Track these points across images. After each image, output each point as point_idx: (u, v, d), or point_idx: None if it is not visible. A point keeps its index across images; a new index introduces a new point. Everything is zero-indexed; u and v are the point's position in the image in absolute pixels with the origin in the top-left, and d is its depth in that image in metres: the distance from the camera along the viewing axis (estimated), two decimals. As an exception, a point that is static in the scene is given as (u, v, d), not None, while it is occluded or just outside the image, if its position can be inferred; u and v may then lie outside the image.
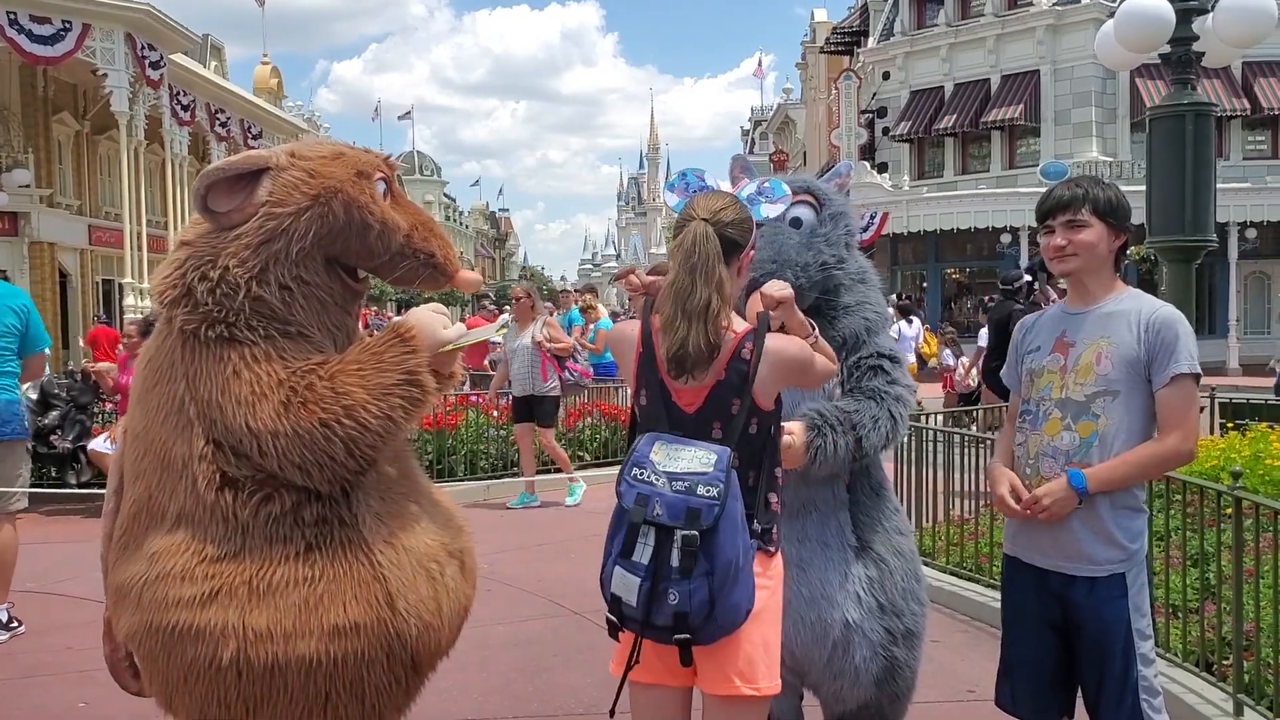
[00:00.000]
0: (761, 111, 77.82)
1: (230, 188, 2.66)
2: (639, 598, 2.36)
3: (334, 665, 2.57)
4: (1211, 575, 4.60)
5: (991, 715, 4.57)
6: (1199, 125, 7.47)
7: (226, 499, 2.59)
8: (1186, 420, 2.84)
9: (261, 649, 2.52)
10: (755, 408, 2.55)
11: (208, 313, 2.62)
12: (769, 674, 2.54)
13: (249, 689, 2.56)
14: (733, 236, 2.59)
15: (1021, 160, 31.56)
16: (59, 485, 9.38)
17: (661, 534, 2.36)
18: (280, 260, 2.64)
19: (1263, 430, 6.78)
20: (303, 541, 2.61)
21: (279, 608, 2.55)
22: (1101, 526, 2.88)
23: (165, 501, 2.65)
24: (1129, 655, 2.86)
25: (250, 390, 2.55)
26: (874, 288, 3.37)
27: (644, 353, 2.62)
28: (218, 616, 2.53)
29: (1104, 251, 2.98)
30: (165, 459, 2.65)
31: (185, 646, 2.56)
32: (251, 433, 2.54)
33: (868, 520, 3.24)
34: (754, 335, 2.58)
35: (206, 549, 2.59)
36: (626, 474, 2.45)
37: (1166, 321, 2.86)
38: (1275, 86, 28.66)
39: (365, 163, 2.79)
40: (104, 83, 25.00)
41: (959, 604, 6.04)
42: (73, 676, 5.09)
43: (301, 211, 2.64)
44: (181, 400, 2.64)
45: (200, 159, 36.66)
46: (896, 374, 3.22)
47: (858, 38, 38.77)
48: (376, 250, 2.76)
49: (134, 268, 25.99)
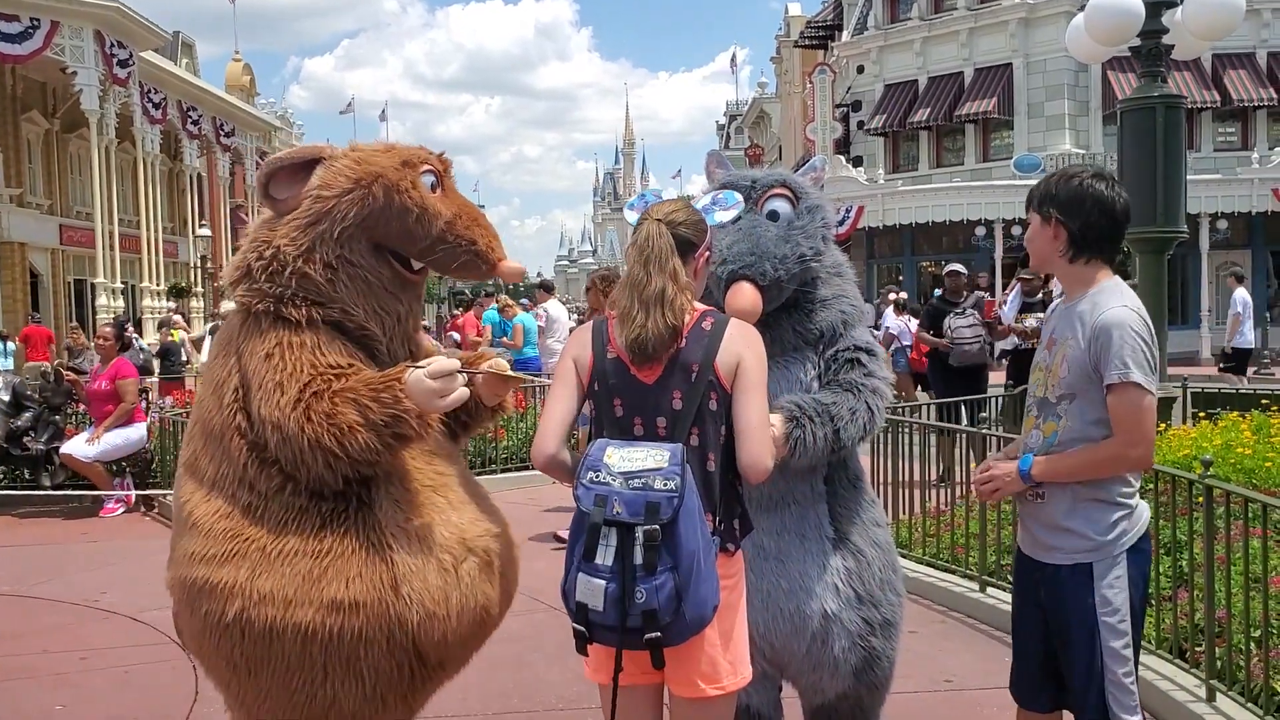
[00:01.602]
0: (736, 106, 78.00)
1: (290, 176, 2.89)
2: (605, 601, 2.36)
3: (330, 638, 2.66)
4: (1184, 563, 4.65)
5: (968, 705, 4.63)
6: (1169, 117, 7.54)
7: (253, 469, 2.76)
8: (1127, 426, 2.81)
9: (262, 610, 2.66)
10: (716, 381, 2.56)
11: (260, 289, 2.83)
12: (733, 670, 2.58)
13: (250, 649, 2.70)
14: (686, 235, 2.68)
15: (995, 153, 31.73)
16: (33, 487, 9.30)
17: (623, 532, 2.36)
18: (325, 240, 2.82)
19: (1233, 419, 6.86)
20: (319, 517, 2.75)
21: (284, 574, 2.67)
22: (1064, 515, 2.93)
23: (205, 466, 2.84)
24: (1093, 647, 2.88)
25: (274, 378, 2.73)
26: (850, 282, 3.40)
27: (597, 345, 2.66)
28: (229, 575, 2.69)
29: (1041, 245, 2.99)
30: (208, 427, 2.86)
31: (202, 601, 2.73)
32: (261, 419, 2.72)
33: (845, 512, 3.25)
34: (716, 312, 2.66)
35: (233, 511, 2.77)
36: (582, 478, 2.45)
37: (1104, 326, 2.82)
38: (1245, 79, 28.94)
39: (413, 155, 2.98)
40: (73, 81, 24.79)
41: (936, 595, 6.08)
42: (49, 680, 5.06)
43: (344, 194, 2.83)
44: (230, 371, 2.86)
45: (173, 157, 36.42)
46: (873, 366, 3.24)
47: (832, 32, 38.83)
48: (417, 234, 2.90)
49: (106, 268, 25.80)
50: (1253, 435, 6.24)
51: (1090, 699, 2.90)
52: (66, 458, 9.10)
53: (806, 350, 3.24)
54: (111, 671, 5.16)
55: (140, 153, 29.00)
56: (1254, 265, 29.48)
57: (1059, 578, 2.94)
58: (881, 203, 29.92)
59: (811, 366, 3.22)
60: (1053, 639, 3.01)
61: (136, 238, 29.25)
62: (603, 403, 2.65)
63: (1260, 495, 4.16)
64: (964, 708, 4.62)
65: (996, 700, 4.58)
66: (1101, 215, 2.92)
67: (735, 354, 2.58)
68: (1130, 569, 2.91)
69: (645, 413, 2.59)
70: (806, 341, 3.24)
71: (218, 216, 40.55)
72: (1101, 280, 2.95)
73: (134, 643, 5.55)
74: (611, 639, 2.43)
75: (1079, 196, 2.93)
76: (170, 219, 36.48)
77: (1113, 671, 2.87)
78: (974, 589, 5.94)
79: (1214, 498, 4.21)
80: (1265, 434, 6.31)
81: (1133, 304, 2.88)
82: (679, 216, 2.69)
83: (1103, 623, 2.87)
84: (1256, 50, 29.19)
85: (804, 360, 3.23)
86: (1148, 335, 2.84)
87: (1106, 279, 2.96)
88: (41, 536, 8.54)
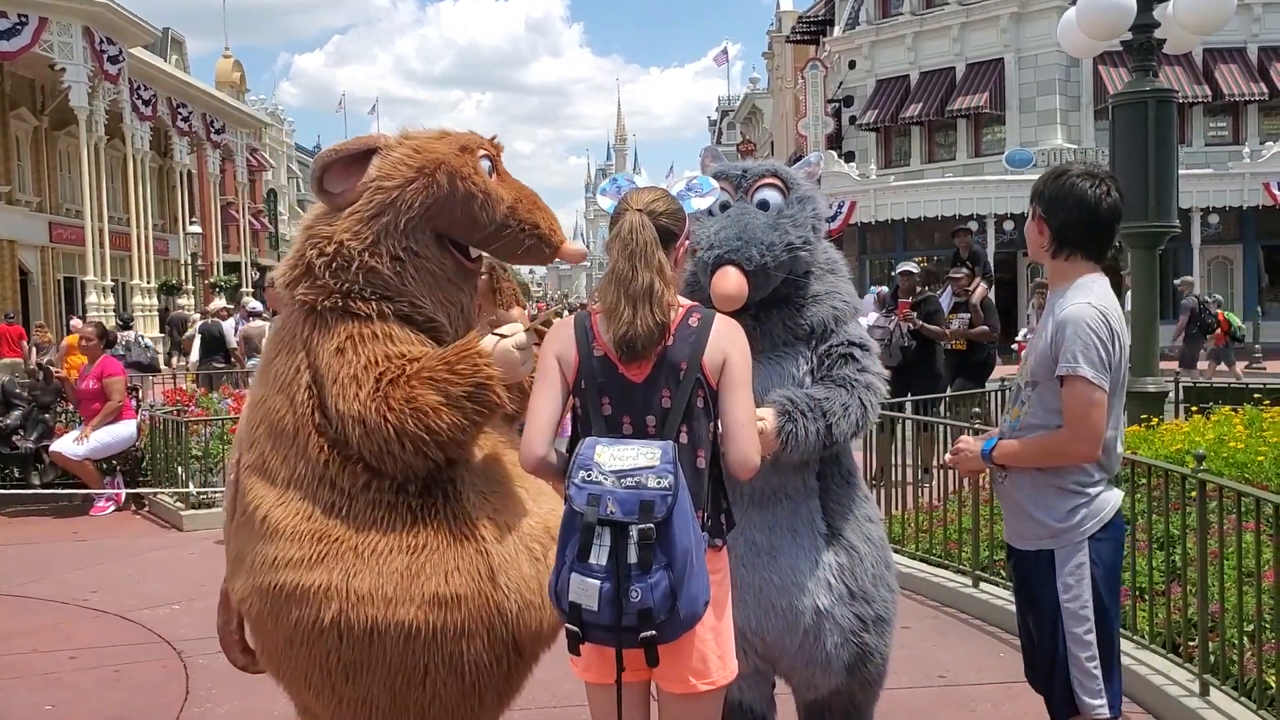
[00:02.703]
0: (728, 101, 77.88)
1: (344, 169, 2.82)
2: (600, 601, 2.33)
3: (433, 635, 2.62)
4: (1177, 558, 4.65)
5: (962, 700, 4.62)
6: (1160, 112, 7.53)
7: (335, 467, 2.70)
8: (1073, 420, 2.91)
9: (362, 611, 2.59)
10: (703, 379, 2.55)
11: (325, 286, 2.77)
12: (722, 664, 2.58)
13: (348, 653, 2.62)
14: (667, 225, 2.64)
15: (987, 148, 31.74)
16: (22, 486, 9.25)
17: (616, 531, 2.34)
18: (391, 232, 2.76)
19: (1225, 414, 6.86)
20: (409, 513, 2.70)
21: (381, 572, 2.62)
22: (1025, 501, 3.05)
23: (277, 467, 2.76)
24: (1056, 632, 2.98)
25: (349, 372, 2.68)
26: (844, 278, 3.38)
27: (582, 342, 2.61)
28: (322, 578, 2.61)
29: (1033, 239, 3.11)
30: (278, 427, 2.78)
31: (290, 607, 2.64)
32: (340, 414, 2.67)
33: (838, 508, 3.24)
34: (701, 308, 2.64)
35: (315, 512, 2.69)
36: (573, 478, 2.42)
37: (1063, 321, 2.92)
38: (1235, 73, 28.99)
39: (470, 140, 2.93)
40: (62, 77, 24.68)
41: (929, 590, 6.08)
42: (39, 680, 5.03)
43: (408, 183, 2.77)
44: (299, 369, 2.78)
45: (162, 154, 36.29)
46: (867, 362, 3.23)
47: (823, 27, 38.83)
48: (481, 221, 2.86)
49: (96, 265, 25.70)
50: (1245, 429, 6.24)
51: (1056, 681, 3.01)
52: (56, 456, 9.06)
53: (798, 345, 3.22)
54: (101, 671, 5.13)
55: (130, 150, 28.90)
56: (1245, 259, 29.59)
57: (1025, 563, 3.08)
58: (874, 198, 29.90)
59: (804, 361, 3.20)
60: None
61: (126, 235, 29.16)
62: (590, 401, 2.61)
63: (1253, 489, 4.16)
64: (957, 703, 4.61)
65: (990, 696, 4.59)
66: (1082, 213, 3.00)
67: (721, 351, 2.57)
68: (1093, 556, 2.98)
69: (634, 411, 2.57)
70: (798, 337, 3.22)
71: (208, 213, 40.45)
72: (1080, 276, 3.02)
73: (124, 642, 5.52)
74: (607, 638, 2.40)
75: (1062, 194, 3.03)
76: (160, 216, 36.36)
77: (1075, 656, 2.97)
78: (967, 584, 5.94)
79: (1207, 492, 4.20)
80: (1258, 428, 6.31)
81: (1098, 302, 2.94)
82: (660, 206, 2.65)
83: (1065, 608, 2.97)
84: (1247, 45, 29.24)
85: (796, 355, 3.21)
86: (1105, 334, 2.90)
87: (1085, 275, 3.03)
88: (31, 535, 8.50)
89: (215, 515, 8.55)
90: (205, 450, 8.99)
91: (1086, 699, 2.97)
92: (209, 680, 4.88)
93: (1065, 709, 3.03)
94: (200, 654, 5.16)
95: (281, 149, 59.86)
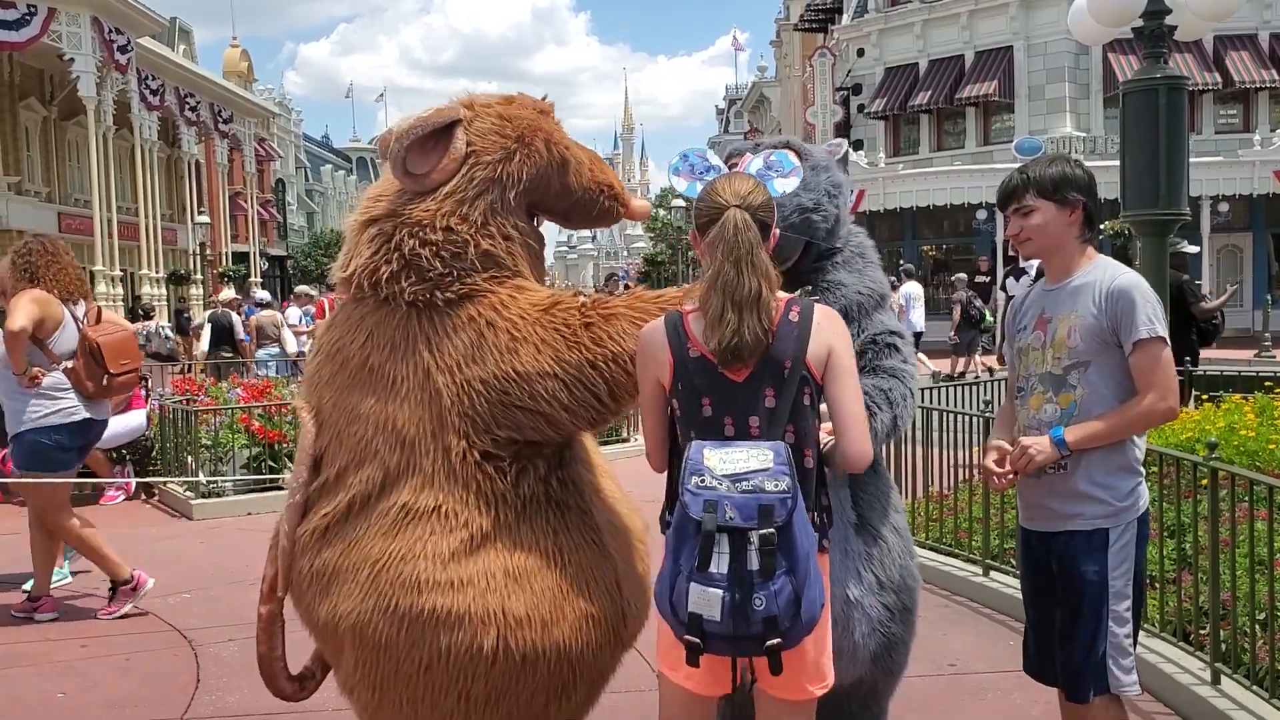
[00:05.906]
0: (736, 90, 77.71)
1: (423, 148, 2.56)
2: (723, 611, 2.22)
3: (581, 652, 2.52)
4: (1188, 546, 4.63)
5: (972, 689, 4.61)
6: (1171, 99, 7.48)
7: (482, 471, 2.51)
8: (1156, 380, 2.92)
9: (521, 636, 2.45)
10: (809, 375, 2.45)
11: (440, 277, 2.54)
12: (830, 668, 2.56)
13: (498, 678, 2.47)
14: (763, 219, 2.51)
15: (996, 136, 31.60)
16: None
17: (735, 538, 2.23)
18: (499, 210, 2.58)
19: (1237, 401, 6.83)
20: (550, 509, 2.56)
21: (535, 593, 2.47)
22: (1086, 483, 2.99)
23: (405, 479, 2.53)
24: (1101, 610, 2.96)
25: (509, 337, 2.51)
26: (873, 264, 3.35)
27: (676, 345, 2.49)
28: (477, 602, 2.44)
29: (1056, 230, 3.06)
30: (403, 436, 2.54)
31: (438, 632, 2.44)
32: (521, 377, 2.48)
33: (867, 497, 3.22)
34: (799, 299, 2.52)
35: (459, 530, 2.49)
36: (686, 484, 2.31)
37: (1123, 290, 2.94)
38: (1246, 60, 28.80)
39: (538, 102, 2.75)
40: (71, 68, 24.68)
41: (940, 579, 6.06)
42: (50, 668, 5.05)
43: (510, 156, 2.60)
44: (427, 371, 2.53)
45: (170, 144, 36.32)
46: (907, 352, 3.24)
47: (832, 15, 38.64)
48: (573, 187, 2.72)
49: (105, 255, 25.74)
50: (1256, 418, 6.22)
51: (1093, 660, 2.98)
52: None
53: None
54: (112, 659, 5.14)
55: (138, 140, 28.90)
56: (1255, 247, 29.44)
57: (1074, 543, 3.01)
58: (882, 186, 29.80)
59: None
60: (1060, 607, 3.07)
61: (135, 225, 29.18)
62: (689, 401, 2.49)
63: (1265, 477, 4.14)
64: (968, 692, 4.61)
65: (1000, 684, 4.58)
66: (1095, 194, 3.12)
67: (825, 344, 2.46)
68: (1136, 534, 3.02)
69: (735, 412, 2.45)
70: None
71: (216, 203, 40.49)
72: (1091, 256, 3.10)
73: (135, 630, 5.54)
74: (727, 649, 2.30)
75: (1088, 177, 3.09)
76: (169, 206, 36.40)
77: (1114, 633, 2.98)
78: (978, 573, 5.93)
79: (1218, 480, 4.19)
80: (1269, 416, 6.29)
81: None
82: (756, 199, 2.49)
83: (1111, 585, 2.97)
84: (1259, 31, 29.04)
85: None
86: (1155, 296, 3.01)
87: (1097, 255, 3.12)
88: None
89: (225, 504, 8.59)
90: (215, 439, 9.01)
91: (1121, 675, 2.97)
92: (219, 669, 4.89)
93: (1091, 687, 2.97)
94: (211, 643, 5.17)
95: (289, 138, 59.93)
